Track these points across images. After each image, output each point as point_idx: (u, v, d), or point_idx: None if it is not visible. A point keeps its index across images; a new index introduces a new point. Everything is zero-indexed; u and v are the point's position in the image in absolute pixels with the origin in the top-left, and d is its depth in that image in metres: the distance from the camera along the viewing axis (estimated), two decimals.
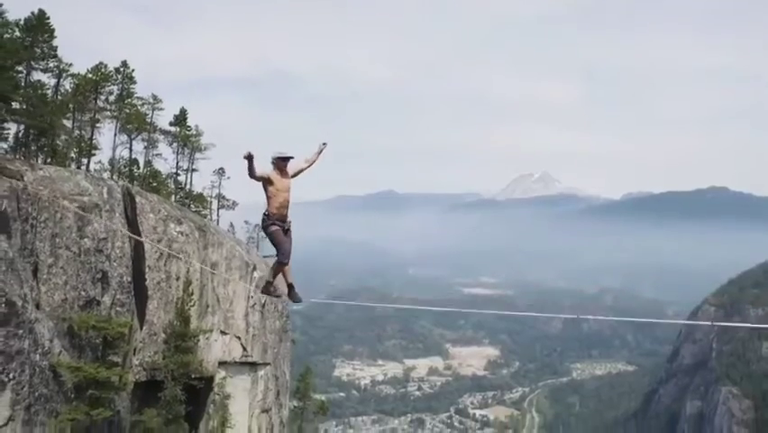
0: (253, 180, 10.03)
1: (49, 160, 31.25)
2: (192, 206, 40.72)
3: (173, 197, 40.02)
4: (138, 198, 29.75)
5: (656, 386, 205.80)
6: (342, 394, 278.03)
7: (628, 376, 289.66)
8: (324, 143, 11.05)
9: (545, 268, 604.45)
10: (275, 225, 10.30)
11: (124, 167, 38.21)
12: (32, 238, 23.99)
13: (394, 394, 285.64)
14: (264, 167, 10.13)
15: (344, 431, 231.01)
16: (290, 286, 10.97)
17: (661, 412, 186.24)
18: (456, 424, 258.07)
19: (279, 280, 11.60)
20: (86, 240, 25.84)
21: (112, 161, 38.48)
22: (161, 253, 29.48)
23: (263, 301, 35.27)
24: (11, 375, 21.53)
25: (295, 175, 10.79)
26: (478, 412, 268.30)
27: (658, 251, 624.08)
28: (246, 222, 42.92)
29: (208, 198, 40.26)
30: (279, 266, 10.76)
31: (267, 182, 10.09)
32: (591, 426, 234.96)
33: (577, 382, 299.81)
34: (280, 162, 10.17)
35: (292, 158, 10.40)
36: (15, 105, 27.28)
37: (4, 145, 30.86)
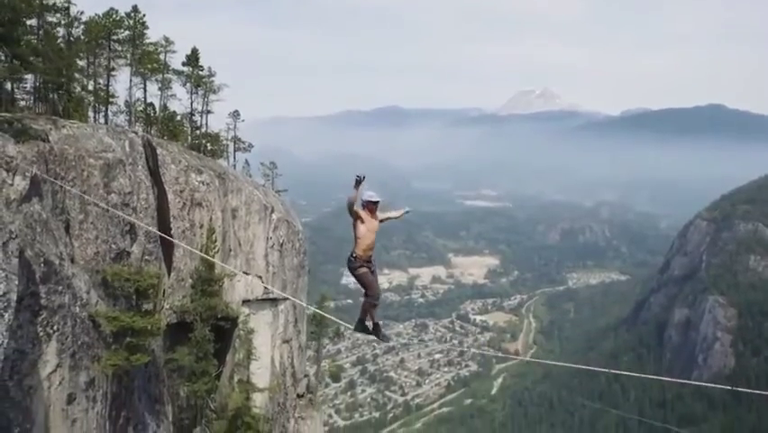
0: (348, 208, 9.90)
1: (68, 107, 30.77)
2: (209, 145, 40.42)
3: (189, 138, 39.71)
4: (159, 150, 29.56)
5: (647, 295, 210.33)
6: (349, 301, 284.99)
7: (621, 285, 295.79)
8: (407, 210, 11.36)
9: (544, 182, 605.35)
10: (363, 267, 10.10)
11: (141, 111, 37.69)
12: (62, 197, 24.08)
13: (399, 301, 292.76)
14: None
15: (352, 335, 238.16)
16: (376, 325, 10.89)
17: (650, 319, 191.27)
18: (457, 329, 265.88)
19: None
20: (113, 195, 25.91)
21: (128, 104, 37.90)
22: (185, 203, 29.69)
23: (281, 241, 35.77)
24: (55, 327, 22.25)
25: (382, 221, 10.67)
26: (478, 318, 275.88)
27: (654, 166, 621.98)
28: (262, 163, 42.81)
29: (224, 141, 39.91)
30: (370, 306, 10.66)
31: (359, 219, 9.96)
32: (585, 331, 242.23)
33: (572, 291, 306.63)
34: (370, 205, 10.01)
35: (380, 201, 10.36)
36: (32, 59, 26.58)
37: (26, 97, 30.42)
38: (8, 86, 28.62)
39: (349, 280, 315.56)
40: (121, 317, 24.33)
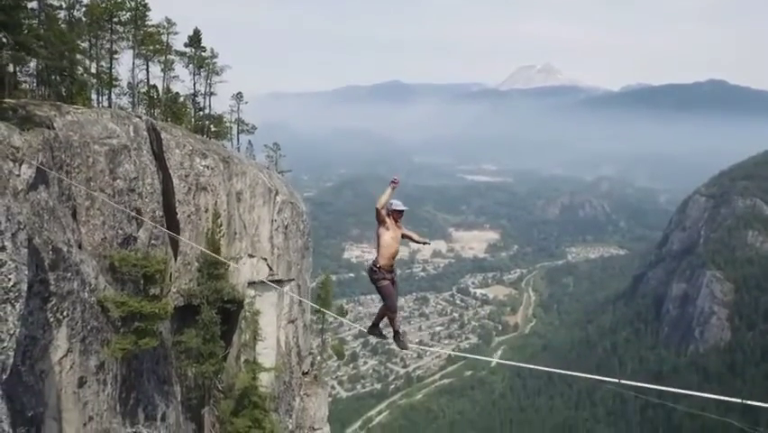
0: (376, 209, 9.76)
1: (71, 90, 30.42)
2: (212, 127, 40.13)
3: (192, 120, 39.40)
4: (163, 135, 29.30)
5: (645, 269, 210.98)
6: (351, 275, 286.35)
7: (620, 260, 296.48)
8: (428, 242, 11.67)
9: (545, 156, 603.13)
10: (385, 279, 9.96)
11: (144, 93, 37.33)
12: (68, 183, 24.01)
13: (400, 275, 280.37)
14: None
15: (355, 308, 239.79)
16: (396, 332, 10.76)
17: (648, 293, 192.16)
18: (458, 302, 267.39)
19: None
20: (118, 181, 25.77)
21: (131, 86, 37.51)
22: (190, 188, 29.56)
23: (286, 223, 35.71)
24: (64, 313, 22.33)
25: (405, 236, 10.52)
26: (478, 291, 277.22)
27: (654, 141, 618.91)
28: (266, 145, 42.46)
29: (227, 123, 39.55)
30: (387, 314, 10.59)
31: (384, 225, 9.82)
32: (583, 304, 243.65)
33: (571, 265, 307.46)
34: (396, 214, 9.88)
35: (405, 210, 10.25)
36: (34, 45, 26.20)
37: (28, 80, 30.09)
38: (10, 68, 28.27)
39: (351, 254, 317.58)
40: (129, 302, 24.41)
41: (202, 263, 29.55)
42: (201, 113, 40.61)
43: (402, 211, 9.90)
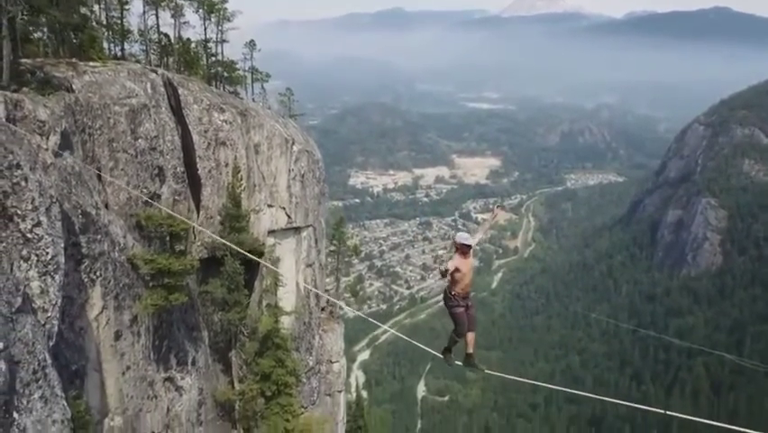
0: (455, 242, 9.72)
1: (84, 44, 29.22)
2: (225, 73, 38.87)
3: (205, 67, 38.10)
4: (180, 90, 28.39)
5: (642, 196, 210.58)
6: (357, 201, 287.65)
7: (618, 186, 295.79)
8: (499, 205, 10.70)
9: (546, 84, 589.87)
10: (459, 306, 9.95)
11: (156, 41, 35.85)
12: (92, 146, 23.45)
13: (404, 200, 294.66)
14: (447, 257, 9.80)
15: (360, 233, 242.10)
16: (468, 355, 10.71)
17: (644, 219, 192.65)
18: (460, 227, 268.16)
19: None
20: (140, 141, 25.17)
21: (141, 33, 36.03)
22: (209, 143, 28.98)
23: (302, 172, 35.28)
24: (97, 273, 22.44)
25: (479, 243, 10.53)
26: (480, 216, 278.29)
27: (656, 69, 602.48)
28: (280, 93, 41.25)
29: (240, 71, 38.20)
30: (458, 338, 10.55)
31: (455, 271, 9.75)
32: (581, 229, 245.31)
33: (570, 191, 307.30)
34: (464, 248, 9.75)
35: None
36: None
37: (39, 35, 28.83)
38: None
39: (356, 180, 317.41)
40: (158, 259, 24.48)
41: (224, 217, 29.44)
42: (213, 58, 39.21)
43: (470, 245, 9.78)
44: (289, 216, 34.45)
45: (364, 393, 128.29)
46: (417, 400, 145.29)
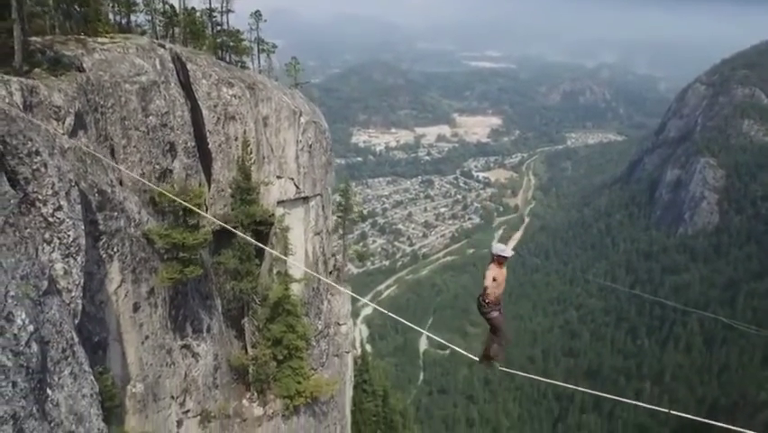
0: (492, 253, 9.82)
1: (90, 17, 28.72)
2: (231, 43, 38.26)
3: (211, 37, 37.47)
4: (189, 65, 28.04)
5: (642, 155, 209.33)
6: (359, 159, 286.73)
7: (617, 145, 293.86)
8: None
9: (547, 42, 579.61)
10: (495, 311, 10.10)
11: (161, 12, 35.18)
12: (104, 124, 23.38)
13: (406, 158, 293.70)
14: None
15: (363, 191, 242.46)
16: (487, 356, 10.81)
17: (643, 178, 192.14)
18: (461, 184, 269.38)
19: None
20: (151, 117, 25.04)
21: (147, 3, 35.33)
22: (219, 118, 28.82)
23: (310, 143, 35.17)
24: (115, 249, 22.76)
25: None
26: (481, 174, 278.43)
27: (657, 28, 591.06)
28: (285, 64, 40.68)
29: (247, 42, 37.57)
30: (497, 342, 10.64)
31: (498, 266, 9.85)
32: (581, 188, 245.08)
33: (570, 150, 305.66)
34: (501, 258, 9.84)
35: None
36: None
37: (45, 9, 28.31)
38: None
39: (358, 138, 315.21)
40: (172, 234, 24.73)
41: (234, 189, 29.58)
42: (219, 27, 38.55)
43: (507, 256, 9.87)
44: (298, 187, 34.53)
45: (368, 347, 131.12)
46: (419, 353, 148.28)
